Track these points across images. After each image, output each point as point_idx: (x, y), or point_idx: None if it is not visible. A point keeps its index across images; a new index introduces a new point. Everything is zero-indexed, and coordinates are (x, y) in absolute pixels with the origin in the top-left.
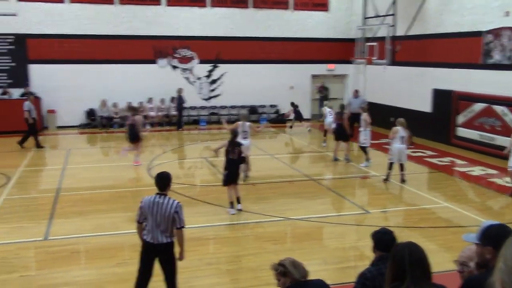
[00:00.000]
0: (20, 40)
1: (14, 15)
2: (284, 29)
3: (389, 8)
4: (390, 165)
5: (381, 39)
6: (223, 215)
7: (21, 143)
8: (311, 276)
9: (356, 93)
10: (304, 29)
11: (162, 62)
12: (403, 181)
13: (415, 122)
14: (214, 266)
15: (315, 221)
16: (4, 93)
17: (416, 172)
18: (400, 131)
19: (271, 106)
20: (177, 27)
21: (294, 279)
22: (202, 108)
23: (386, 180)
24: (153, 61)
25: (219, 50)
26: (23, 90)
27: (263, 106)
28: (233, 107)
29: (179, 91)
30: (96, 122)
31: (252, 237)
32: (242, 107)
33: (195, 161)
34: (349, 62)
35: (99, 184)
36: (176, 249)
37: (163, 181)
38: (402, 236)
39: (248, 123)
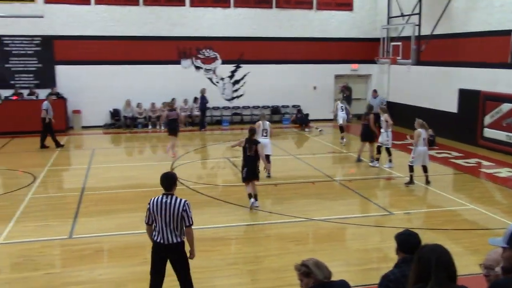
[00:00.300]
0: (47, 42)
1: (41, 17)
2: (307, 29)
3: (414, 7)
4: (411, 168)
5: (406, 39)
6: (245, 216)
7: (41, 144)
8: (334, 278)
9: (374, 93)
10: (327, 29)
11: (186, 62)
12: (428, 182)
13: (441, 122)
14: (236, 266)
15: (338, 222)
16: (31, 94)
17: (441, 173)
18: (422, 133)
19: (294, 106)
20: (200, 28)
21: (317, 280)
22: (225, 108)
23: (410, 183)
24: (176, 62)
25: (242, 51)
26: (50, 90)
27: (286, 107)
28: (255, 107)
29: (202, 91)
30: (120, 122)
31: (274, 237)
32: (265, 107)
33: (218, 161)
34: (373, 62)
35: (122, 183)
36: (187, 248)
37: (169, 181)
38: (426, 238)
39: (268, 122)
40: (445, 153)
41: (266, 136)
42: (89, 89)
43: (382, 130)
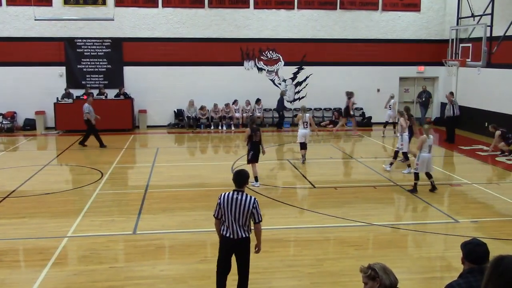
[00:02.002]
0: (117, 44)
1: (111, 19)
2: (372, 30)
3: (486, 7)
4: (416, 176)
5: (476, 40)
6: (305, 218)
7: (82, 142)
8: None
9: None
10: (393, 30)
11: (249, 64)
12: (433, 189)
13: None
14: (295, 268)
15: (399, 228)
16: (100, 94)
17: None
18: (427, 139)
19: (357, 109)
20: (264, 30)
21: (383, 285)
22: (287, 110)
23: (413, 191)
24: (240, 63)
25: (305, 52)
26: (118, 90)
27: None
28: (317, 109)
29: (282, 93)
30: (184, 123)
31: (334, 241)
32: (327, 109)
33: (278, 163)
34: (439, 64)
35: (185, 182)
36: (253, 243)
37: (242, 178)
38: (494, 249)
39: (307, 115)
40: None
41: (306, 127)
42: (155, 89)
43: (398, 134)
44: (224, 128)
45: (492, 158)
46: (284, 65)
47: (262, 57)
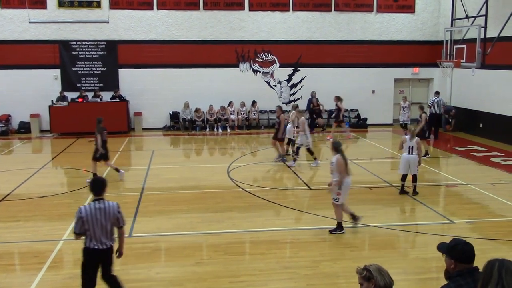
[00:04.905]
0: (112, 46)
1: (106, 22)
2: (366, 32)
3: (480, 9)
4: (403, 177)
5: (470, 41)
6: (301, 220)
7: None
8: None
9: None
10: (387, 31)
11: (244, 66)
12: (415, 193)
13: (508, 128)
14: (291, 270)
15: (395, 229)
16: (95, 96)
17: (507, 181)
18: (407, 140)
19: (352, 110)
20: (259, 32)
21: (378, 286)
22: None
23: (401, 192)
24: (235, 65)
25: (300, 54)
26: (113, 93)
27: (345, 110)
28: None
29: (313, 94)
30: (179, 125)
31: (330, 242)
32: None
33: (274, 165)
34: (434, 65)
35: (181, 184)
36: (116, 248)
37: (99, 186)
38: (490, 249)
39: (293, 111)
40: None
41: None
42: (150, 91)
43: (301, 133)
44: (220, 130)
45: (487, 159)
46: (279, 67)
47: (257, 59)
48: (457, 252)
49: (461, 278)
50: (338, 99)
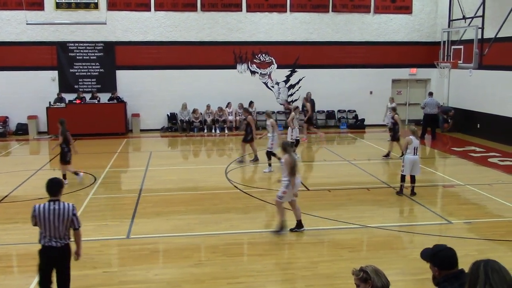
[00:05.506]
0: (109, 48)
1: (103, 23)
2: (364, 33)
3: (477, 10)
4: (402, 178)
5: (468, 42)
6: None
7: None
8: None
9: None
10: (385, 32)
11: (242, 67)
12: (413, 193)
13: (505, 129)
14: (289, 271)
15: (393, 229)
16: (93, 98)
17: (505, 182)
18: (413, 141)
19: (349, 111)
20: (257, 33)
21: (375, 287)
22: (280, 113)
23: (399, 193)
24: (233, 67)
25: (298, 55)
26: (111, 94)
27: (343, 111)
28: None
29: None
30: (177, 126)
31: (328, 243)
32: (320, 112)
33: (272, 165)
34: (432, 66)
35: (178, 186)
36: (74, 249)
37: (55, 186)
38: (487, 250)
39: (292, 113)
40: (509, 161)
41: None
42: (148, 93)
43: (269, 134)
44: (218, 131)
45: (485, 159)
46: (277, 68)
47: (255, 60)
48: (438, 259)
49: (448, 284)
50: (307, 100)
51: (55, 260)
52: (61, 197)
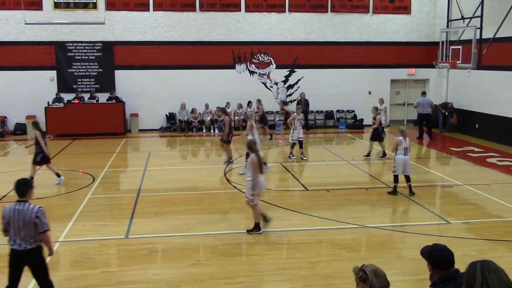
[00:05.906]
0: (108, 47)
1: (102, 23)
2: (363, 33)
3: (476, 10)
4: (395, 178)
5: (466, 42)
6: (298, 221)
7: None
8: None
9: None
10: (384, 33)
11: (240, 67)
12: (411, 193)
13: (503, 129)
14: (288, 271)
15: (392, 230)
16: (91, 98)
17: (503, 182)
18: (402, 141)
19: (348, 111)
20: (255, 33)
21: None
22: (279, 113)
23: (393, 193)
24: (231, 67)
25: (297, 55)
26: (109, 94)
27: (341, 111)
28: (310, 112)
29: (301, 95)
30: (176, 126)
31: (326, 243)
32: (319, 112)
33: (270, 166)
34: (430, 66)
35: (177, 186)
36: (46, 251)
37: (22, 187)
38: (486, 250)
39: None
40: (508, 161)
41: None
42: (146, 93)
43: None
44: (216, 131)
45: (483, 159)
46: (275, 68)
47: (253, 60)
48: (433, 258)
49: (444, 285)
50: (284, 103)
51: (20, 263)
52: (29, 198)
